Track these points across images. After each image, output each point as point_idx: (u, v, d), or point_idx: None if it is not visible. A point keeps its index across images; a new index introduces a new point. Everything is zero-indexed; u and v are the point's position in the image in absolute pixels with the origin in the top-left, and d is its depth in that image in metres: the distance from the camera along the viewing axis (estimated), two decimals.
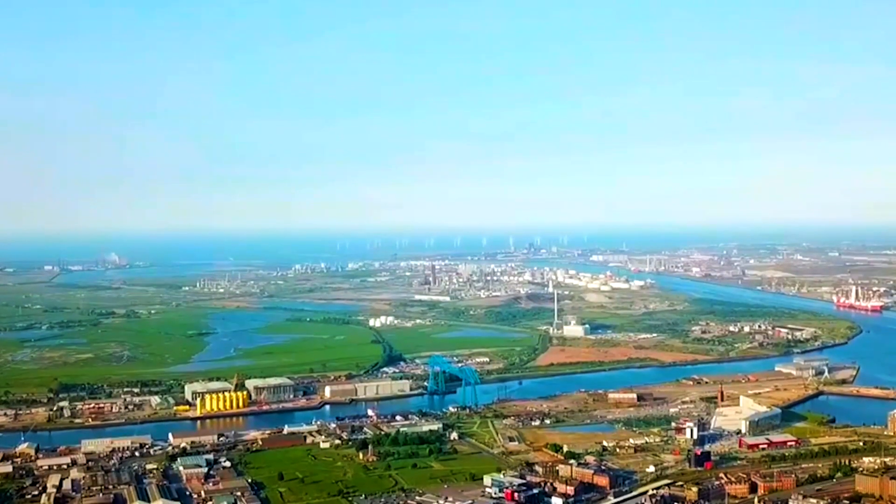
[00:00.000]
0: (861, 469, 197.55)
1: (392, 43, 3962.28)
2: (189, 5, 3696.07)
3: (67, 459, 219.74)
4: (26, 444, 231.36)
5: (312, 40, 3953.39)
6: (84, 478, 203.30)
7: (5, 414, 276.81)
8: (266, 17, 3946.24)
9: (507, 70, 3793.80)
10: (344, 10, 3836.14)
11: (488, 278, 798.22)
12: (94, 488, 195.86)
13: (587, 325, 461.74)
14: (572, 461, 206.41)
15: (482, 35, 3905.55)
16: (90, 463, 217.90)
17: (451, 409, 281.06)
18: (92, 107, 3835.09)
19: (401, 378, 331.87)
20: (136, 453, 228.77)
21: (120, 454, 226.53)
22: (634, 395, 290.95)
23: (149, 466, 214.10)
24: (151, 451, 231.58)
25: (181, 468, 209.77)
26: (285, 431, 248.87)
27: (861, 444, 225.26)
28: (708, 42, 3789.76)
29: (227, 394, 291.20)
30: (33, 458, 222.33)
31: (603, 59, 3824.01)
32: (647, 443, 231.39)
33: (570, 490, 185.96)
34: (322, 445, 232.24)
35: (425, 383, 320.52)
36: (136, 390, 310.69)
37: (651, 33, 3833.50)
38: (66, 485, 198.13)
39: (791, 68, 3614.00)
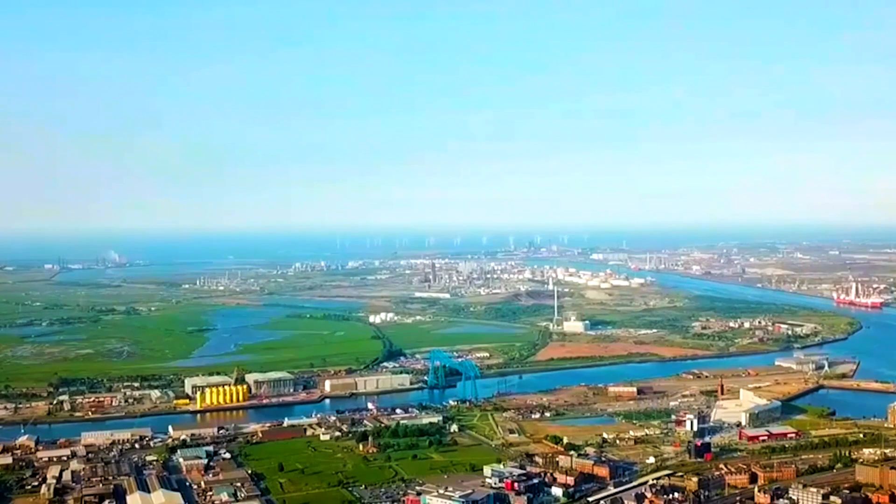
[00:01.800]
0: (861, 460, 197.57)
1: (393, 43, 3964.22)
2: (190, 6, 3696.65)
3: (67, 451, 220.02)
4: (26, 437, 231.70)
5: (313, 41, 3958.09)
6: (84, 469, 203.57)
7: (5, 407, 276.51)
8: (266, 18, 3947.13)
9: (508, 70, 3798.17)
10: (344, 12, 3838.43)
11: (488, 276, 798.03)
12: (94, 479, 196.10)
13: (587, 321, 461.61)
14: (572, 452, 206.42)
15: (483, 35, 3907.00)
16: (90, 455, 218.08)
17: (451, 402, 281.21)
18: (92, 107, 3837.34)
19: (401, 373, 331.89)
20: (136, 445, 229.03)
21: (120, 446, 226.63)
22: (634, 389, 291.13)
23: (149, 458, 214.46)
24: (151, 443, 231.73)
25: (181, 460, 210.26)
26: (285, 424, 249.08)
27: (861, 435, 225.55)
28: (707, 43, 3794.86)
29: (227, 387, 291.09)
30: (33, 450, 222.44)
31: (603, 59, 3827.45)
32: (647, 435, 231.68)
33: (570, 480, 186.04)
34: (322, 437, 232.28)
35: (425, 378, 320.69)
36: (135, 385, 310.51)
37: (652, 34, 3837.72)
38: (66, 476, 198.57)
39: (791, 68, 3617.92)
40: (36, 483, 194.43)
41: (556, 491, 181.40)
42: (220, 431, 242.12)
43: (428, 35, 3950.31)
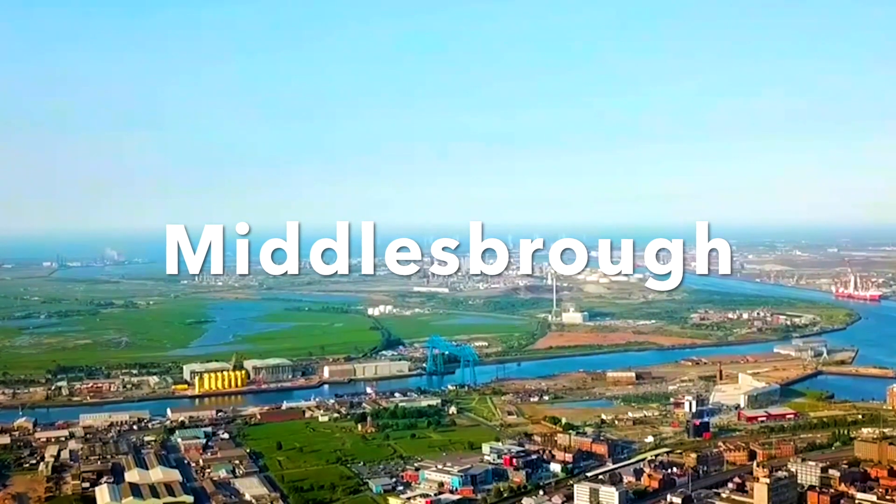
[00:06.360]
0: (859, 437, 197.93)
1: (396, 43, 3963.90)
2: (191, 6, 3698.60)
3: (65, 432, 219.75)
4: (24, 419, 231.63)
5: (314, 41, 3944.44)
6: (82, 448, 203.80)
7: (3, 393, 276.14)
8: (267, 18, 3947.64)
9: (512, 70, 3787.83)
10: (347, 12, 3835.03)
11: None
12: (93, 458, 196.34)
13: (586, 313, 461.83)
14: (571, 431, 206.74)
15: (484, 35, 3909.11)
16: (88, 435, 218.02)
17: (450, 387, 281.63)
18: (91, 107, 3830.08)
19: (399, 360, 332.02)
20: (135, 427, 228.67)
21: (118, 428, 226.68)
22: (633, 374, 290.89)
23: (147, 439, 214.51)
24: (149, 425, 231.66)
25: (179, 440, 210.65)
26: (284, 407, 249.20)
27: (860, 416, 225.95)
28: (707, 43, 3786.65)
29: (225, 373, 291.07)
30: (31, 431, 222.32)
31: (605, 60, 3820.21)
32: (645, 416, 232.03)
33: (569, 457, 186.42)
34: (321, 419, 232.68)
35: (424, 365, 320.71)
36: (134, 371, 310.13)
37: (653, 35, 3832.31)
38: (65, 455, 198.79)
39: (791, 69, 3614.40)
40: (34, 461, 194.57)
41: (555, 467, 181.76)
42: (219, 414, 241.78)
43: (429, 35, 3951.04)
